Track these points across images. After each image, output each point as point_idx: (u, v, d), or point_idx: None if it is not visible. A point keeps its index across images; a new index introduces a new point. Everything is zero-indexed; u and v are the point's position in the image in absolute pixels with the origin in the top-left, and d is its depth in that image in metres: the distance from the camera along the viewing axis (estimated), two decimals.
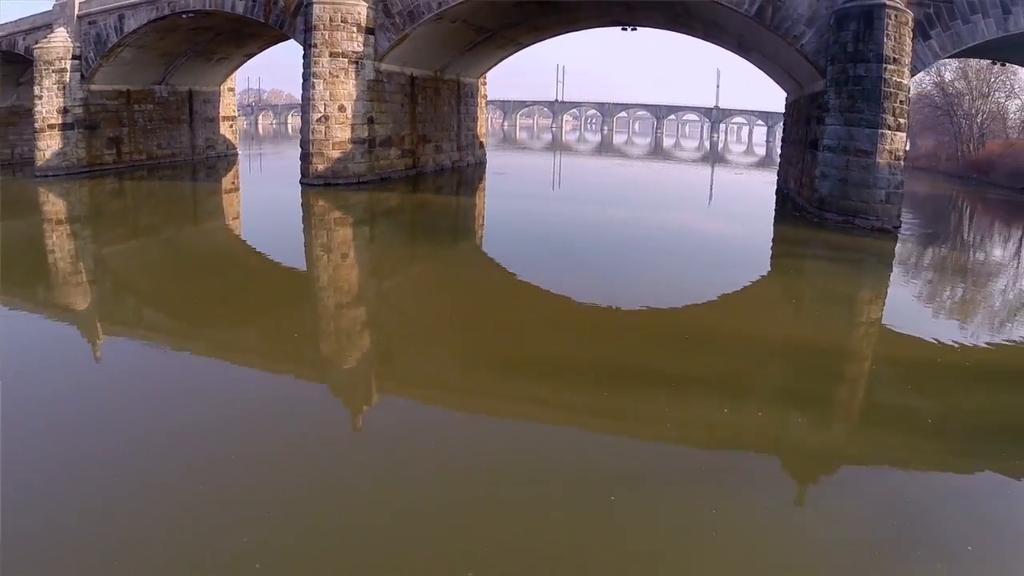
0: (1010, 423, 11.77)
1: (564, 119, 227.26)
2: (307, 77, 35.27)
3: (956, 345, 15.92)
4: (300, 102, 37.79)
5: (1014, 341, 16.99)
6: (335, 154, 35.61)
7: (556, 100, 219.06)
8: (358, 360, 14.45)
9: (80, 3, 50.87)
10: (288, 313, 17.83)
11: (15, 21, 57.67)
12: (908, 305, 20.65)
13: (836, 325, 18.16)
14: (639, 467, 9.53)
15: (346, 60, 35.10)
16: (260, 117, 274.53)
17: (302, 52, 36.12)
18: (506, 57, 50.27)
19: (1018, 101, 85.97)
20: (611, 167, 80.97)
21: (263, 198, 40.74)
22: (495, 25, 40.16)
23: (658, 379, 12.78)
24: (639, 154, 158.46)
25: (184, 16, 45.00)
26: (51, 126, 50.14)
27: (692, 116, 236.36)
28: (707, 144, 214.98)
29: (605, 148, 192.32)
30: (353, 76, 35.41)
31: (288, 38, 46.30)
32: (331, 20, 34.62)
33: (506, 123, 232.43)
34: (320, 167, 35.57)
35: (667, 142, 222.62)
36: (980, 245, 34.22)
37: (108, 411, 11.35)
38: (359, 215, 33.32)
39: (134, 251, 27.67)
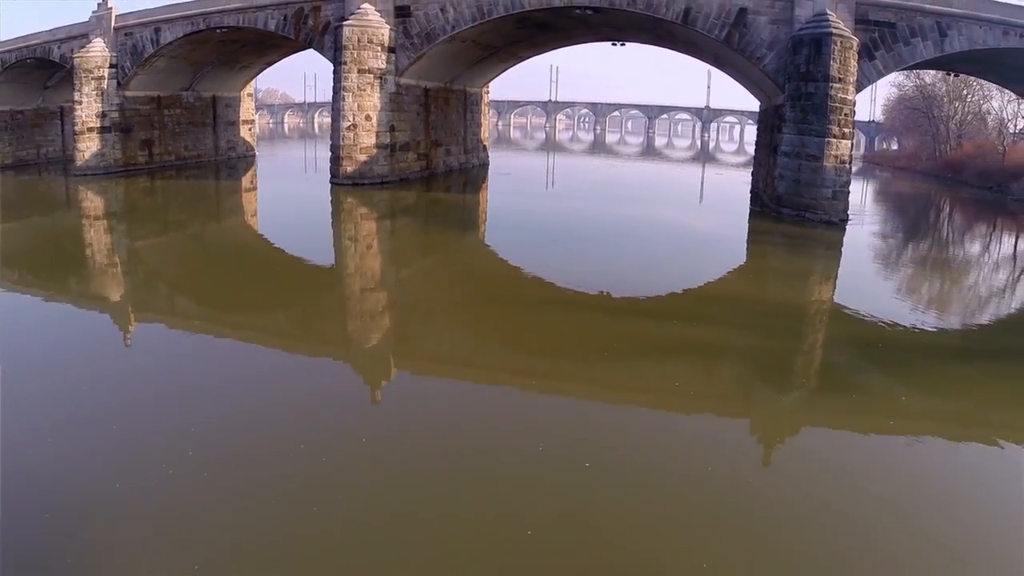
0: (914, 345, 17.76)
1: (557, 119, 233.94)
2: (337, 90, 40.87)
3: (887, 307, 22.08)
4: (295, 102, 43.25)
5: (928, 301, 23.28)
6: (362, 158, 41.27)
7: (550, 100, 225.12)
8: (382, 333, 19.41)
9: (116, 16, 56.06)
10: (340, 284, 23.75)
11: (51, 30, 62.86)
12: (846, 281, 26.61)
13: (790, 296, 24.14)
14: (623, 420, 13.15)
15: (372, 76, 40.71)
16: (257, 116, 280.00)
17: (332, 67, 41.66)
18: (507, 68, 55.99)
19: (995, 103, 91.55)
20: (603, 167, 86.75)
21: (302, 196, 46.07)
22: (499, 43, 45.83)
23: (622, 356, 18.25)
24: (631, 153, 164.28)
25: (218, 31, 50.43)
26: (90, 129, 55.35)
27: (684, 116, 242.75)
28: (699, 143, 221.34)
29: (598, 148, 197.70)
30: (378, 90, 41.04)
31: (306, 48, 52.10)
32: (359, 41, 40.21)
33: (500, 123, 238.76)
34: (349, 169, 41.22)
35: (659, 141, 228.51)
36: (917, 235, 40.23)
37: (153, 387, 14.09)
38: (383, 210, 39.02)
39: (200, 241, 33.40)
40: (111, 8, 56.26)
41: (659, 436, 12.53)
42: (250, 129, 68.68)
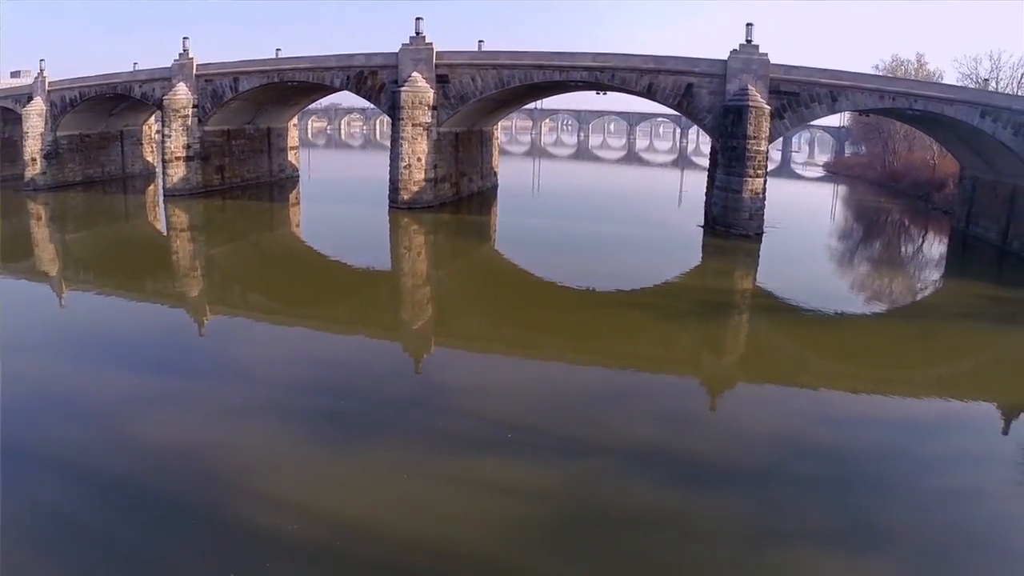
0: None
1: (543, 124, 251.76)
2: (396, 139, 57.43)
3: (788, 290, 39.26)
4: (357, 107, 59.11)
5: (819, 288, 40.54)
6: (414, 188, 57.90)
7: (536, 108, 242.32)
8: (426, 318, 35.96)
9: (198, 64, 71.71)
10: (397, 279, 40.84)
11: (132, 72, 78.45)
12: (753, 275, 43.94)
13: (719, 284, 41.29)
14: (608, 377, 27.59)
15: (421, 128, 57.25)
16: (311, 121, 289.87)
17: (391, 121, 58.32)
18: (512, 112, 72.80)
19: None
20: (587, 176, 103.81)
21: (369, 218, 61.32)
22: (511, 98, 62.61)
23: (602, 333, 34.89)
24: (613, 159, 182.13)
25: (289, 83, 66.72)
26: (177, 158, 71.08)
27: (664, 120, 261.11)
28: (678, 146, 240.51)
29: (582, 153, 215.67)
30: (425, 138, 57.60)
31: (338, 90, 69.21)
32: (412, 103, 56.75)
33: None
34: (405, 197, 57.82)
35: (640, 144, 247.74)
36: (820, 241, 57.54)
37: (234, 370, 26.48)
38: (429, 226, 56.01)
39: (290, 249, 49.96)
40: (192, 58, 71.91)
41: (638, 385, 26.47)
42: (295, 153, 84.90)
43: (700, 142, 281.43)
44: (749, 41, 52.79)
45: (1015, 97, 53.89)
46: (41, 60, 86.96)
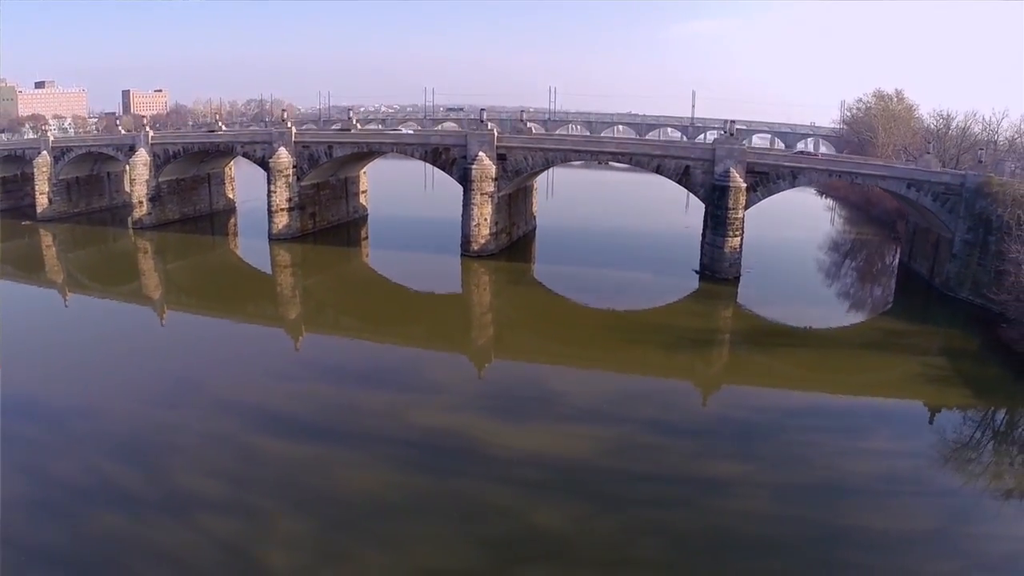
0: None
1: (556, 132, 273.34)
2: (467, 204, 79.54)
3: (762, 317, 62.24)
4: (309, 119, 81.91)
5: (785, 318, 63.56)
6: (481, 241, 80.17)
7: (548, 119, 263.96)
8: (487, 336, 60.52)
9: (295, 132, 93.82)
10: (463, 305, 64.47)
11: (235, 133, 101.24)
12: (735, 301, 66.92)
13: (704, 314, 64.14)
14: (620, 380, 53.72)
15: (486, 196, 79.33)
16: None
17: (462, 189, 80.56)
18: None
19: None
20: (596, 186, 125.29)
21: (445, 263, 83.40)
22: (547, 166, 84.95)
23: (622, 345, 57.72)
24: (623, 165, 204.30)
25: (376, 153, 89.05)
26: (281, 209, 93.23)
27: (672, 130, 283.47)
28: None
29: (592, 163, 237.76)
30: (489, 203, 79.72)
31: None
32: (480, 176, 78.89)
33: None
34: (475, 247, 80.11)
35: None
36: (786, 281, 79.84)
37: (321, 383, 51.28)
38: (492, 268, 78.49)
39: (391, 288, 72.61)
40: (291, 127, 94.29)
41: (643, 388, 51.01)
42: (365, 196, 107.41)
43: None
44: (732, 134, 75.25)
45: (933, 172, 75.15)
46: (145, 124, 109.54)
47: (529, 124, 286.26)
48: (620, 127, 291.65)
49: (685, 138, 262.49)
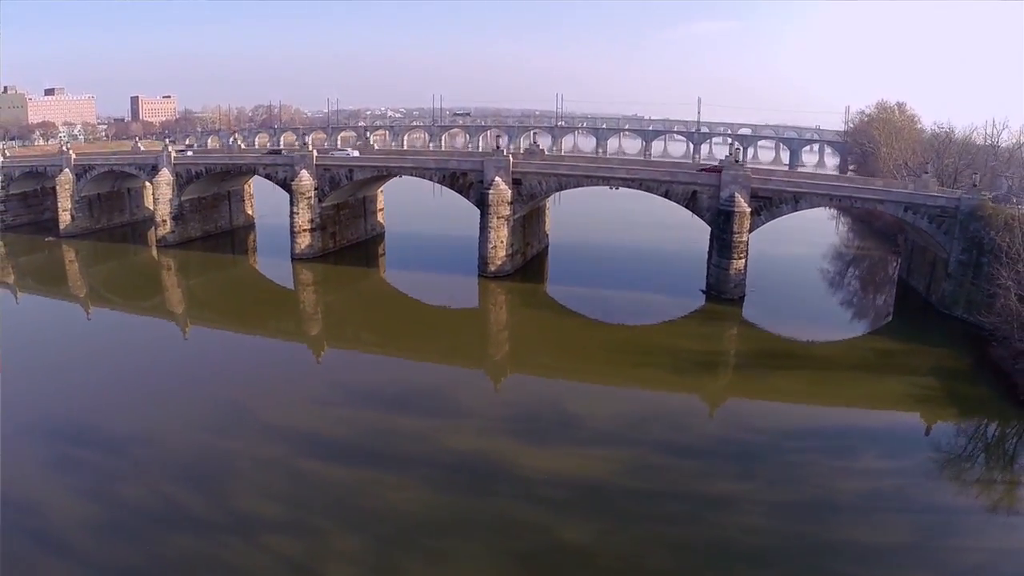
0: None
1: (562, 141, 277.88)
2: (484, 227, 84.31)
3: (765, 337, 67.13)
4: (318, 125, 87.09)
5: (789, 338, 68.29)
6: (498, 262, 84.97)
7: (556, 125, 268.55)
8: (503, 351, 66.83)
9: (316, 157, 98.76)
10: (481, 321, 68.84)
11: (257, 155, 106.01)
12: (739, 322, 71.88)
13: (710, 336, 69.03)
14: (631, 394, 59.25)
15: (502, 219, 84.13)
16: (282, 138, 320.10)
17: (480, 212, 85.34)
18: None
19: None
20: (603, 198, 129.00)
21: (465, 285, 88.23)
22: (560, 189, 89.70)
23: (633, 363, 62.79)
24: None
25: (394, 176, 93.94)
26: (304, 230, 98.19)
27: (678, 137, 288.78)
28: (693, 160, 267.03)
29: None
30: (505, 226, 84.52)
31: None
32: (496, 201, 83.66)
33: (512, 145, 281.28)
34: (491, 268, 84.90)
35: (656, 150, 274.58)
36: (785, 299, 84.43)
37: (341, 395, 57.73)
38: (508, 289, 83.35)
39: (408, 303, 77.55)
40: (312, 152, 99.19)
41: (652, 409, 56.11)
42: (382, 214, 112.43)
43: (716, 153, 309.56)
44: (737, 160, 79.81)
45: (929, 195, 79.54)
46: (168, 140, 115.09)
47: (535, 131, 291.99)
48: (626, 134, 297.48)
49: (691, 144, 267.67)
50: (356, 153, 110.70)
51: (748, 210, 78.31)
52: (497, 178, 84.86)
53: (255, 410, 52.83)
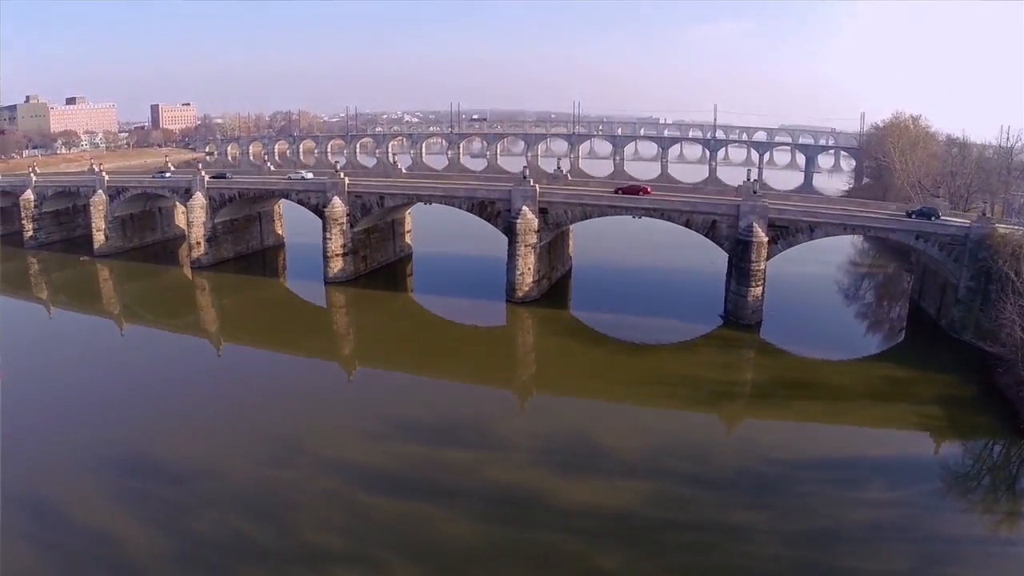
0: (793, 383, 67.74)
1: (579, 147, 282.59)
2: (512, 255, 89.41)
3: (781, 362, 72.14)
4: (336, 132, 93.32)
5: (804, 363, 73.30)
6: (526, 288, 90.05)
7: (573, 133, 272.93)
8: (530, 371, 74.51)
9: (348, 183, 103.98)
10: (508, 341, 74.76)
11: (290, 181, 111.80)
12: (756, 348, 77.01)
13: (729, 364, 74.15)
14: (651, 415, 65.27)
15: (529, 247, 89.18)
16: (300, 146, 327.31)
17: (507, 240, 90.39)
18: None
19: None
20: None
21: (493, 310, 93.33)
22: (585, 218, 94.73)
23: (657, 393, 67.96)
24: (648, 179, 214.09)
25: (424, 203, 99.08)
26: (336, 255, 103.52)
27: (694, 144, 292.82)
28: (708, 167, 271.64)
29: (618, 175, 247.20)
30: (532, 253, 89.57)
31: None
32: (524, 230, 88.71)
33: (529, 153, 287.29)
34: (519, 294, 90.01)
35: (673, 168, 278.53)
36: (799, 324, 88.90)
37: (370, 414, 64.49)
38: (536, 315, 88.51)
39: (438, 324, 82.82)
40: (344, 178, 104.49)
41: (674, 439, 60.96)
42: (410, 235, 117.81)
43: (732, 157, 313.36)
44: (755, 192, 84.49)
45: (940, 224, 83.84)
46: (198, 166, 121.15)
47: (552, 139, 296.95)
48: (642, 141, 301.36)
49: (707, 151, 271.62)
50: (310, 175, 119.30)
51: (766, 239, 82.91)
52: (524, 207, 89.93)
53: (306, 442, 58.07)
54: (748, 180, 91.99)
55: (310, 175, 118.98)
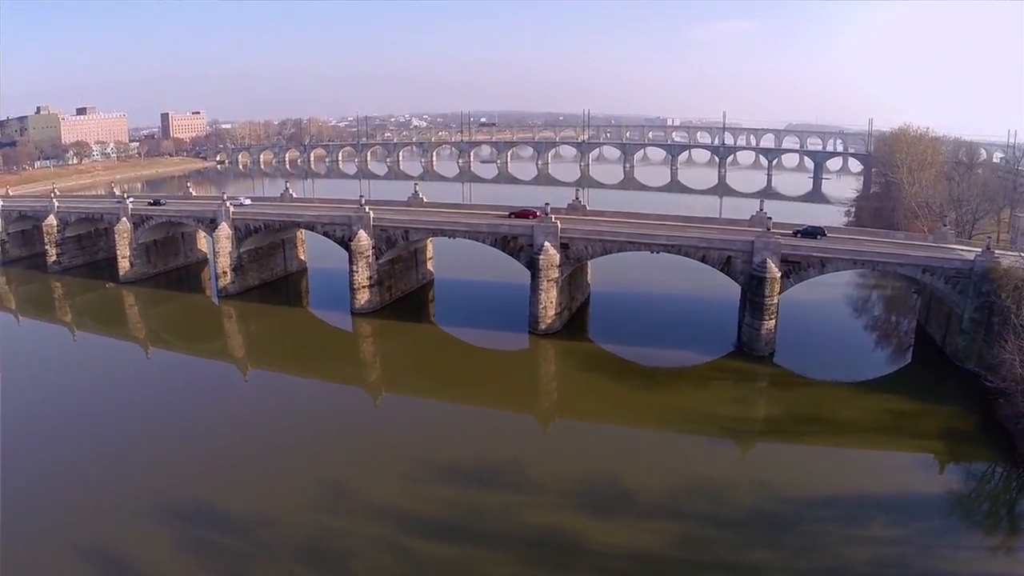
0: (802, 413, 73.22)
1: (590, 155, 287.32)
2: (535, 289, 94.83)
3: (793, 397, 77.58)
4: (346, 137, 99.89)
5: (815, 395, 78.79)
6: (548, 320, 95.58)
7: (583, 141, 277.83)
8: (553, 397, 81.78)
9: (373, 217, 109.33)
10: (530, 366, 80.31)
11: (316, 215, 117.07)
12: (769, 379, 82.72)
13: (742, 399, 79.64)
14: (671, 438, 71.23)
15: (552, 281, 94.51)
16: (312, 154, 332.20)
17: (529, 274, 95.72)
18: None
19: None
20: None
21: (516, 342, 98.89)
22: (605, 254, 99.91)
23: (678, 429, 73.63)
24: (658, 185, 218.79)
25: (448, 236, 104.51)
26: (363, 287, 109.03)
27: (704, 151, 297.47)
28: (717, 173, 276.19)
29: (628, 183, 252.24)
30: (555, 287, 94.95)
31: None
32: (547, 265, 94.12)
33: (539, 161, 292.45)
34: (542, 327, 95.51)
35: (683, 174, 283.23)
36: (811, 354, 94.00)
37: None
38: (558, 347, 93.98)
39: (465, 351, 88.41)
40: (369, 212, 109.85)
41: (690, 458, 67.73)
42: (432, 261, 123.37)
43: (741, 162, 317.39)
44: (768, 229, 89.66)
45: (945, 258, 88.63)
46: (232, 199, 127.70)
47: (561, 145, 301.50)
48: (651, 147, 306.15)
49: (716, 157, 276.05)
50: (248, 202, 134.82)
51: (779, 275, 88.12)
52: (547, 243, 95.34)
53: (350, 485, 63.77)
54: (760, 211, 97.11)
55: (248, 200, 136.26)
